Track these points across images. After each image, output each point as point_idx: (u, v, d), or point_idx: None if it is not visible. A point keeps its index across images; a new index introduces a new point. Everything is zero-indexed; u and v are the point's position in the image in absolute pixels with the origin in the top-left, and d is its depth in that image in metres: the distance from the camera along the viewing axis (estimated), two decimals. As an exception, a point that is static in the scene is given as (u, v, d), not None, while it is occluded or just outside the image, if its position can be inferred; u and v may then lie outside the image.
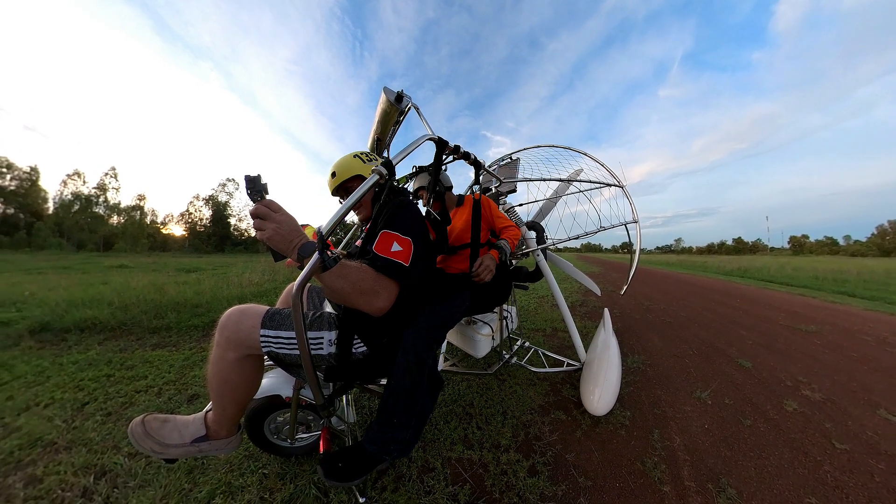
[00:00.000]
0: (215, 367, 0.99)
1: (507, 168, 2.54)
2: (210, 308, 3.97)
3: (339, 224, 0.84)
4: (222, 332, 0.97)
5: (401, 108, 1.50)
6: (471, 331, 2.03)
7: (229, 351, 0.97)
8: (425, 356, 1.08)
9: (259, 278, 6.23)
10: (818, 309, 5.21)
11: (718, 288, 8.02)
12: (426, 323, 1.16)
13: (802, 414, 1.89)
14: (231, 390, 1.01)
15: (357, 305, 0.92)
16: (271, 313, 1.02)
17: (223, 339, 0.97)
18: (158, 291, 4.39)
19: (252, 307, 1.03)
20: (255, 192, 0.80)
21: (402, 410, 1.03)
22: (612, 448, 1.54)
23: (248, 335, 0.98)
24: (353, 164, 1.25)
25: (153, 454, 0.97)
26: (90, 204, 60.51)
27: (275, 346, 1.00)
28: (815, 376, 2.44)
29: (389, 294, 0.97)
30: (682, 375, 2.41)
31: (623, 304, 5.27)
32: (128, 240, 57.59)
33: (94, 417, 1.72)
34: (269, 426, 1.36)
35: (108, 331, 3.25)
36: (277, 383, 1.30)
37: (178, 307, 3.85)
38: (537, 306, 4.78)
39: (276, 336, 0.99)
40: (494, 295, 1.80)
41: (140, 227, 63.65)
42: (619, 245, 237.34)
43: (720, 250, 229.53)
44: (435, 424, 1.69)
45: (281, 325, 1.01)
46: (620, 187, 2.29)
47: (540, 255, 2.19)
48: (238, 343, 0.98)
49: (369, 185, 0.89)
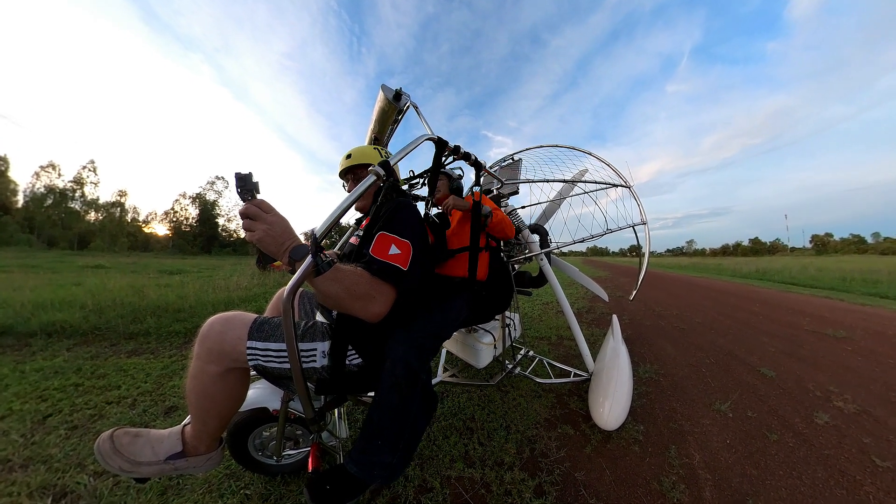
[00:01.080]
0: (195, 381, 0.96)
1: (508, 169, 2.56)
2: (194, 313, 3.95)
3: (334, 226, 0.84)
4: (203, 342, 0.94)
5: (399, 106, 1.52)
6: (471, 339, 2.02)
7: (211, 364, 0.95)
8: (417, 369, 1.04)
9: (248, 282, 6.22)
10: (847, 312, 5.17)
11: (735, 291, 8.03)
12: (420, 332, 1.13)
13: (836, 427, 1.86)
14: (213, 405, 0.98)
15: (352, 311, 0.92)
16: (259, 323, 1.00)
17: (204, 351, 0.94)
18: (137, 294, 4.37)
19: (238, 315, 1.00)
20: (245, 191, 0.79)
21: (389, 430, 0.98)
22: (625, 466, 1.52)
23: (233, 347, 0.95)
24: (370, 153, 1.32)
25: (122, 473, 0.94)
26: (65, 198, 60.34)
27: (263, 360, 0.97)
28: (847, 386, 2.41)
29: (386, 299, 0.96)
30: (698, 386, 2.39)
31: (632, 310, 5.26)
32: (105, 238, 57.53)
33: (58, 431, 1.67)
34: (254, 442, 1.33)
35: (79, 336, 3.21)
36: (264, 395, 1.27)
37: (158, 311, 3.82)
38: (541, 313, 4.78)
39: (265, 349, 0.97)
40: (496, 301, 1.79)
41: (120, 225, 63.65)
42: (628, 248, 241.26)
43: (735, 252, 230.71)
44: (433, 440, 1.67)
45: (270, 336, 0.98)
46: (627, 188, 2.30)
47: (543, 259, 2.20)
48: (221, 355, 0.95)
49: (366, 185, 0.90)
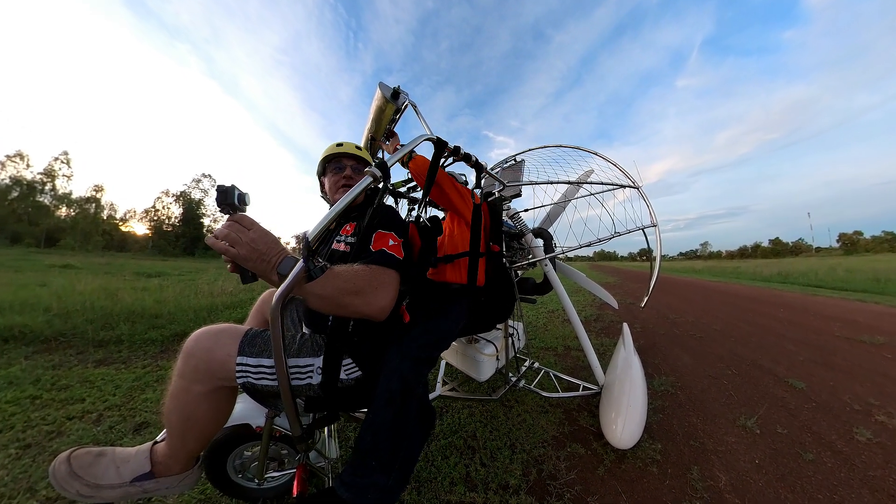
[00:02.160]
0: (176, 400, 0.93)
1: (510, 170, 2.59)
2: (173, 319, 3.90)
3: (327, 229, 0.85)
4: (188, 359, 0.91)
5: (397, 105, 1.56)
6: (472, 350, 2.02)
7: (196, 383, 0.92)
8: (413, 382, 1.03)
9: (233, 287, 6.22)
10: (883, 316, 5.14)
11: (756, 296, 8.04)
12: (416, 341, 1.13)
13: (880, 445, 1.83)
14: (195, 426, 0.95)
15: (355, 310, 0.89)
16: (251, 336, 0.98)
17: (189, 369, 0.91)
18: (110, 297, 4.33)
19: (227, 329, 0.98)
20: (225, 206, 0.77)
21: (384, 449, 0.97)
22: (642, 489, 1.49)
23: (223, 364, 0.93)
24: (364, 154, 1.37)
25: (80, 498, 0.89)
26: (33, 191, 59.88)
27: (254, 377, 0.95)
28: (889, 398, 2.37)
29: (390, 288, 0.96)
30: (720, 399, 2.37)
31: (644, 318, 5.25)
32: (77, 236, 57.07)
33: (8, 450, 1.62)
34: (234, 462, 1.30)
35: (41, 342, 3.15)
36: (247, 411, 1.24)
37: (132, 317, 3.78)
38: (547, 322, 4.77)
39: (258, 365, 0.95)
40: (497, 309, 1.79)
41: (94, 223, 63.30)
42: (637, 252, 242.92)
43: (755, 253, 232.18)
44: (431, 461, 1.64)
45: (264, 350, 0.96)
46: (636, 188, 2.32)
47: (548, 264, 2.21)
48: (208, 374, 0.92)
49: (361, 187, 0.90)
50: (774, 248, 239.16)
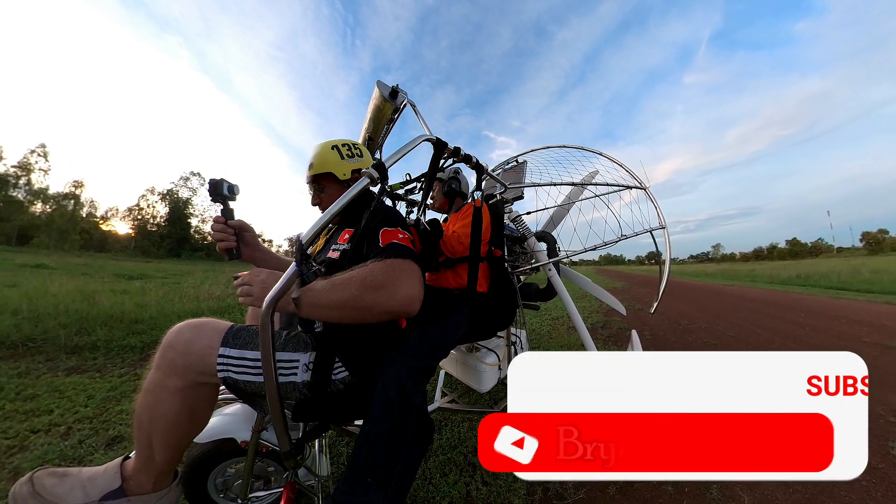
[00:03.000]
0: (150, 395, 0.92)
1: (512, 172, 2.62)
2: (154, 325, 3.89)
3: (321, 232, 0.86)
4: (167, 352, 0.92)
5: (395, 104, 1.59)
6: (473, 360, 2.02)
7: (172, 377, 0.92)
8: (411, 390, 1.03)
9: (221, 291, 6.22)
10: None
11: (773, 300, 8.09)
12: (413, 348, 1.14)
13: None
14: (165, 429, 0.93)
15: (381, 308, 0.88)
16: (236, 330, 0.99)
17: (166, 362, 0.92)
18: (87, 300, 4.30)
19: (209, 322, 0.99)
20: (217, 196, 0.91)
21: (380, 464, 0.96)
22: (655, 510, 1.48)
23: (202, 357, 0.93)
24: (328, 157, 1.25)
25: None
26: (6, 185, 59.57)
27: (235, 371, 0.94)
28: None
29: (413, 277, 0.94)
30: (736, 413, 2.36)
31: (654, 325, 5.28)
32: (53, 234, 56.75)
33: None
34: (215, 480, 1.28)
35: (7, 348, 3.11)
36: (231, 424, 1.22)
37: (110, 321, 3.75)
38: (551, 329, 4.79)
39: (240, 357, 0.95)
40: (498, 315, 1.81)
41: (72, 220, 62.98)
42: (645, 255, 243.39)
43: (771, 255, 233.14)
44: (429, 478, 1.63)
45: (248, 343, 0.97)
46: (643, 189, 2.34)
47: (552, 269, 2.21)
48: (186, 367, 0.92)
49: (357, 190, 0.88)
50: (792, 248, 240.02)
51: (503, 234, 1.85)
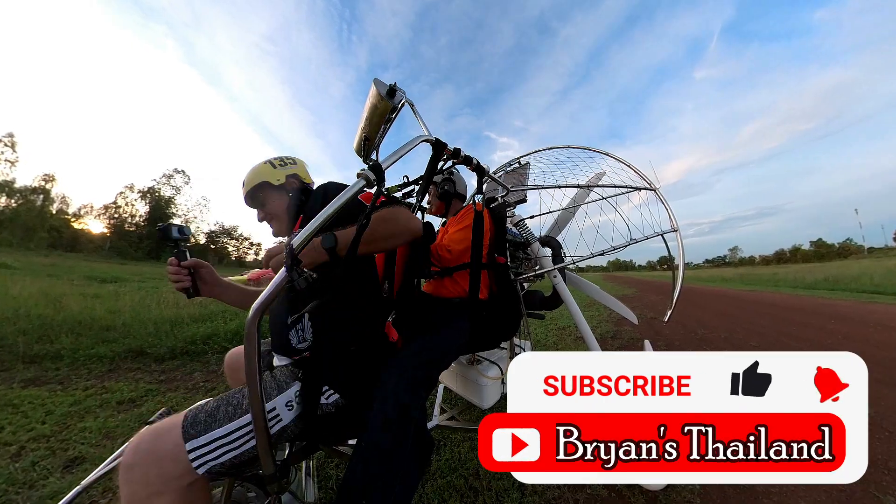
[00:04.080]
0: None
1: (515, 174, 2.64)
2: (128, 332, 3.76)
3: (312, 236, 0.85)
4: (131, 473, 0.83)
5: (393, 103, 1.63)
6: (474, 373, 2.01)
7: (155, 497, 0.83)
8: (409, 404, 1.03)
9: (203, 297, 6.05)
10: None
11: (799, 306, 8.05)
12: (412, 359, 1.15)
13: None
14: None
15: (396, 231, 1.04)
16: (191, 418, 0.92)
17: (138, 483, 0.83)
18: (52, 305, 4.25)
19: (164, 422, 0.93)
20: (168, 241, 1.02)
21: (376, 483, 0.94)
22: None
23: (173, 460, 0.86)
24: (259, 170, 1.37)
25: None
26: (-36, 176, 58.53)
27: (213, 458, 0.89)
28: None
29: (406, 211, 1.08)
30: (760, 429, 2.34)
31: (668, 334, 5.26)
32: (17, 231, 55.67)
33: None
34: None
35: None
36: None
37: (78, 328, 3.67)
38: (557, 339, 4.78)
39: (210, 441, 0.89)
40: (501, 325, 1.81)
41: (40, 217, 61.79)
42: (657, 260, 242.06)
43: (794, 257, 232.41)
44: (427, 503, 1.61)
45: (211, 423, 0.91)
46: (652, 190, 2.35)
47: (557, 276, 2.21)
48: (163, 478, 0.84)
49: (353, 191, 0.88)
50: (817, 250, 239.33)
51: (506, 240, 1.86)
